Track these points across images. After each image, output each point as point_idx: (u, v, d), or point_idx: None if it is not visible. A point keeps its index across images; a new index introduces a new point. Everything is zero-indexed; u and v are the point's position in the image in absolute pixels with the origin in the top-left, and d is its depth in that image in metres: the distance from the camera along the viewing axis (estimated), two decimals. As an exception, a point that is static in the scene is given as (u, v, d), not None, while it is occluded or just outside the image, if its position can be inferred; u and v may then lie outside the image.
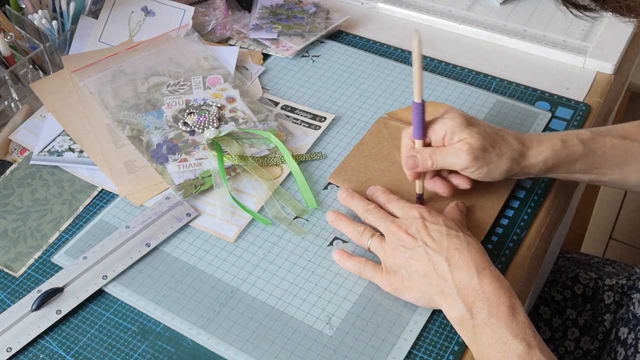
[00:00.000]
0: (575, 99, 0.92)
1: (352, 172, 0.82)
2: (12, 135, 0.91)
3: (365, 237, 0.73)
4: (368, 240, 0.72)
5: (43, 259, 0.78)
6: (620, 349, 0.87)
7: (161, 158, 0.85)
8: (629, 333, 0.87)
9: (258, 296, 0.72)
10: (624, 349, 0.86)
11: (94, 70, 0.96)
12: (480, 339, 0.62)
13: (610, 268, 1.02)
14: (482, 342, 0.62)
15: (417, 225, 0.69)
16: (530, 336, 0.61)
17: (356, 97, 0.94)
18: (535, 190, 0.81)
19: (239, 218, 0.79)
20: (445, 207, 0.76)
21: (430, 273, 0.66)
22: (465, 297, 0.64)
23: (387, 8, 1.09)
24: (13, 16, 1.00)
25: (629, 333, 0.87)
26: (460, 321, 0.64)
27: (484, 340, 0.62)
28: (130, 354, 0.69)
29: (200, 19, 1.04)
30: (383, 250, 0.70)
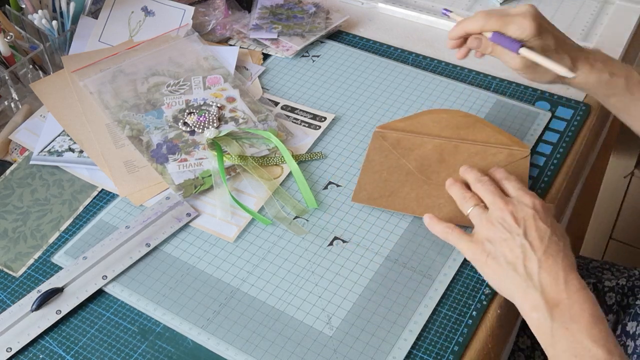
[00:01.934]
0: (575, 99, 0.92)
1: (373, 189, 0.81)
2: (12, 135, 0.91)
3: (470, 202, 0.72)
4: (470, 207, 0.72)
5: (43, 259, 0.78)
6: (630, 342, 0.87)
7: (161, 158, 0.85)
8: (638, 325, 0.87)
9: (258, 296, 0.72)
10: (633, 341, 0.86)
11: (94, 70, 0.96)
12: (557, 342, 0.62)
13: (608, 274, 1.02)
14: (560, 345, 0.62)
15: (526, 214, 0.68)
16: (612, 344, 0.61)
17: (356, 97, 0.94)
18: (536, 190, 0.81)
19: (239, 218, 0.79)
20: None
21: (517, 265, 0.66)
22: (549, 299, 0.63)
23: (387, 8, 1.09)
24: (13, 16, 1.00)
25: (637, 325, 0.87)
26: (539, 322, 0.64)
27: (562, 343, 0.62)
28: (130, 354, 0.69)
29: (200, 19, 1.04)
30: (480, 220, 0.70)
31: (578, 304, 0.63)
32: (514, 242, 0.67)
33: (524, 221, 0.68)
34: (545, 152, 0.85)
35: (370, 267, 0.74)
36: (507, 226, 0.68)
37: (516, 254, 0.66)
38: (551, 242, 0.67)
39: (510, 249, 0.67)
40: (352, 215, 0.79)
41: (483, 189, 0.73)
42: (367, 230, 0.77)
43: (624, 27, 1.01)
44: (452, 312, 0.70)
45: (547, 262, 0.65)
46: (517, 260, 0.66)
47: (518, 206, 0.69)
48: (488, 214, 0.70)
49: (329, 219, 0.79)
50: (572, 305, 0.63)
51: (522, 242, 0.67)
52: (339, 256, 0.75)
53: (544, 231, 0.67)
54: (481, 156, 0.82)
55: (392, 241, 0.76)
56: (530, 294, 0.64)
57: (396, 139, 0.85)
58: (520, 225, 0.68)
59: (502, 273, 0.67)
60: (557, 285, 0.64)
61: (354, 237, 0.77)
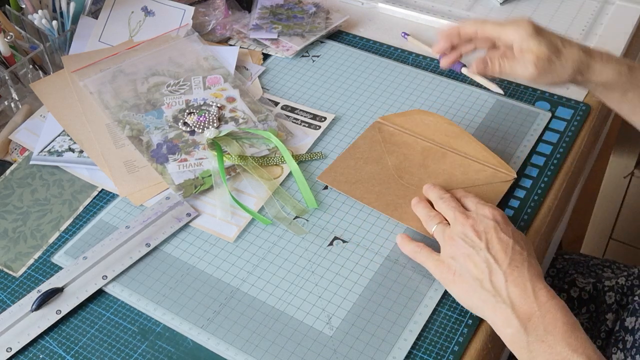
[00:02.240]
0: (575, 99, 0.92)
1: (341, 173, 0.82)
2: (12, 135, 0.91)
3: (433, 221, 0.72)
4: (433, 226, 0.72)
5: (43, 259, 0.78)
6: (628, 337, 0.87)
7: (161, 158, 0.85)
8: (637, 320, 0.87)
9: (258, 296, 0.72)
10: (631, 336, 0.86)
11: (94, 70, 0.96)
12: (536, 356, 0.61)
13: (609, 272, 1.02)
14: (539, 358, 0.61)
15: (487, 225, 0.68)
16: (591, 350, 0.61)
17: (356, 97, 0.94)
18: (535, 190, 0.81)
19: (239, 218, 0.79)
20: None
21: (484, 280, 0.65)
22: (520, 313, 0.63)
23: (387, 8, 1.09)
24: (13, 16, 1.00)
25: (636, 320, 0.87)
26: (513, 337, 0.63)
27: (541, 356, 0.61)
28: (130, 354, 0.69)
29: (200, 19, 1.04)
30: (443, 237, 0.70)
31: (550, 313, 0.62)
32: (478, 257, 0.66)
33: (485, 234, 0.68)
34: (545, 152, 0.85)
35: (370, 267, 0.74)
36: (469, 241, 0.67)
37: (481, 269, 0.66)
38: (515, 253, 0.66)
39: (474, 264, 0.66)
40: (352, 215, 0.79)
41: (444, 206, 0.73)
42: (367, 230, 0.77)
43: (624, 27, 1.01)
44: (452, 312, 0.70)
45: (512, 275, 0.65)
46: (483, 276, 0.65)
47: (478, 219, 0.69)
48: (451, 229, 0.70)
49: (329, 219, 0.79)
50: (544, 316, 0.62)
51: (486, 257, 0.66)
52: (339, 256, 0.75)
53: (506, 242, 0.67)
54: (464, 169, 0.81)
55: (392, 241, 0.76)
56: (500, 310, 0.64)
57: (390, 133, 0.86)
58: (482, 238, 0.67)
59: (470, 290, 0.66)
60: (527, 298, 0.63)
61: (354, 237, 0.77)
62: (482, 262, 0.66)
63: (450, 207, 0.72)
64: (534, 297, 0.63)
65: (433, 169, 0.81)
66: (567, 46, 0.77)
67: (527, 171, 0.83)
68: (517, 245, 0.67)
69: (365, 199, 0.79)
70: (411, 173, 0.81)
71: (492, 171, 0.81)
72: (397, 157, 0.83)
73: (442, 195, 0.74)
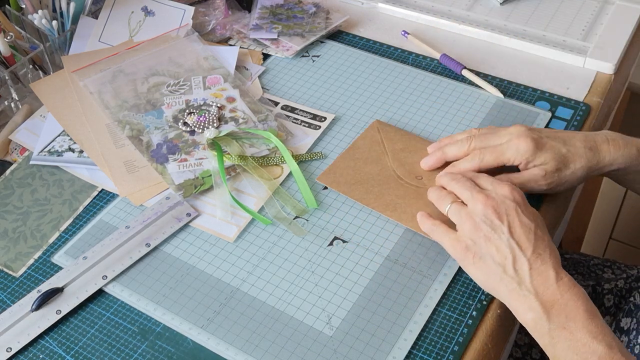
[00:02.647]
0: (575, 99, 0.92)
1: (341, 174, 0.82)
2: (12, 135, 0.91)
3: (446, 200, 0.71)
4: (447, 205, 0.71)
5: (43, 259, 0.78)
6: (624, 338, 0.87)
7: (161, 158, 0.85)
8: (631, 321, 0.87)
9: (258, 296, 0.72)
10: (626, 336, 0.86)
11: (94, 70, 0.96)
12: (557, 342, 0.62)
13: (609, 272, 1.02)
14: (560, 345, 0.62)
15: (508, 207, 0.67)
16: (610, 337, 0.61)
17: (356, 97, 0.94)
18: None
19: (239, 218, 0.79)
20: None
21: (506, 266, 0.65)
22: (543, 301, 0.63)
23: (387, 8, 1.09)
24: (13, 16, 1.00)
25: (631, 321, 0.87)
26: (535, 324, 0.64)
27: (562, 343, 0.62)
28: (130, 354, 0.69)
29: (200, 19, 1.04)
30: (460, 216, 0.68)
31: (572, 301, 0.63)
32: (501, 242, 0.66)
33: (507, 216, 0.66)
34: (545, 152, 0.85)
35: (370, 267, 0.74)
36: (490, 223, 0.66)
37: (504, 255, 0.65)
38: (537, 239, 0.66)
39: (497, 249, 0.66)
40: (352, 215, 0.79)
41: (458, 186, 0.71)
42: (367, 230, 0.77)
43: (624, 27, 1.01)
44: (452, 312, 0.70)
45: (536, 263, 0.65)
46: (506, 262, 0.65)
47: (498, 199, 0.68)
48: (468, 209, 0.68)
49: (329, 219, 0.79)
50: (566, 304, 0.63)
51: (509, 242, 0.65)
52: (339, 256, 0.75)
53: (528, 227, 0.66)
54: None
55: (392, 241, 0.76)
56: (523, 297, 0.64)
57: (390, 133, 0.86)
58: (503, 221, 0.66)
59: (491, 274, 0.66)
60: (550, 286, 0.64)
61: (354, 237, 0.77)
62: (506, 248, 0.65)
63: (466, 186, 0.70)
64: (557, 286, 0.63)
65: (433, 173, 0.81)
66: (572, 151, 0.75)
67: (527, 171, 0.83)
68: (539, 229, 0.67)
69: (365, 199, 0.79)
70: (411, 173, 0.81)
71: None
72: (396, 157, 0.83)
73: (454, 176, 0.73)
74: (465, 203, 0.70)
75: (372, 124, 0.88)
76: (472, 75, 0.94)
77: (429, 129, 0.89)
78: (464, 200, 0.70)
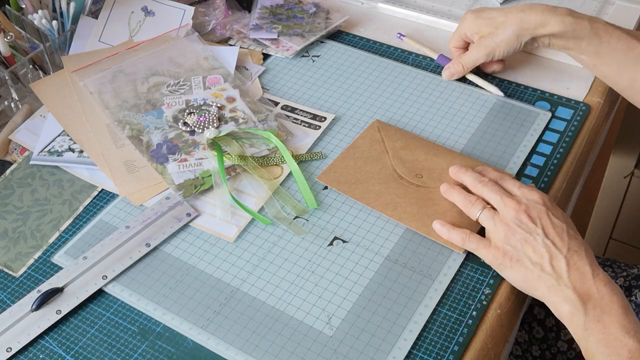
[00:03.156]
0: (575, 99, 0.92)
1: (341, 173, 0.82)
2: (12, 135, 0.91)
3: (477, 207, 0.72)
4: (479, 211, 0.72)
5: (43, 259, 0.78)
6: None
7: (161, 158, 0.85)
8: None
9: (258, 296, 0.72)
10: None
11: (94, 70, 0.96)
12: (590, 335, 0.64)
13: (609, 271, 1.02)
14: (593, 337, 0.63)
15: (539, 211, 0.69)
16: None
17: (356, 97, 0.94)
18: (535, 190, 0.81)
19: (239, 218, 0.79)
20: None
21: (544, 265, 0.67)
22: (580, 294, 0.65)
23: (387, 8, 1.09)
24: (13, 16, 1.00)
25: None
26: (572, 316, 0.65)
27: (595, 335, 0.63)
28: (130, 354, 0.69)
29: (200, 19, 1.04)
30: (494, 224, 0.70)
31: (608, 296, 0.65)
32: (536, 242, 0.68)
33: (540, 219, 0.69)
34: (545, 152, 0.85)
35: (370, 267, 0.74)
36: (525, 227, 0.69)
37: (541, 254, 0.67)
38: (570, 238, 0.68)
39: (533, 249, 0.68)
40: (352, 215, 0.79)
41: (487, 190, 0.73)
42: (367, 230, 0.77)
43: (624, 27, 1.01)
44: (452, 312, 0.70)
45: (573, 259, 0.67)
46: (543, 260, 0.67)
47: (529, 204, 0.70)
48: (501, 215, 0.70)
49: (329, 219, 0.79)
50: (602, 298, 0.65)
51: (544, 242, 0.68)
52: (339, 256, 0.75)
53: (560, 227, 0.69)
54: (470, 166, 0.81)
55: (392, 241, 0.76)
56: (561, 291, 0.66)
57: (390, 133, 0.86)
58: (537, 224, 0.68)
59: (529, 274, 0.68)
60: (587, 281, 0.66)
61: (354, 237, 0.77)
62: (542, 247, 0.67)
63: (495, 191, 0.72)
64: (593, 281, 0.66)
65: (435, 168, 0.81)
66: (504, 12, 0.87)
67: (527, 171, 0.83)
68: (571, 229, 0.69)
69: (365, 199, 0.79)
70: (412, 172, 0.81)
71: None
72: (397, 156, 0.83)
73: (480, 178, 0.74)
74: (494, 207, 0.72)
75: (372, 123, 0.88)
76: (471, 75, 0.94)
77: (429, 129, 0.89)
78: (493, 205, 0.72)
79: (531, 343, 0.98)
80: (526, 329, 0.98)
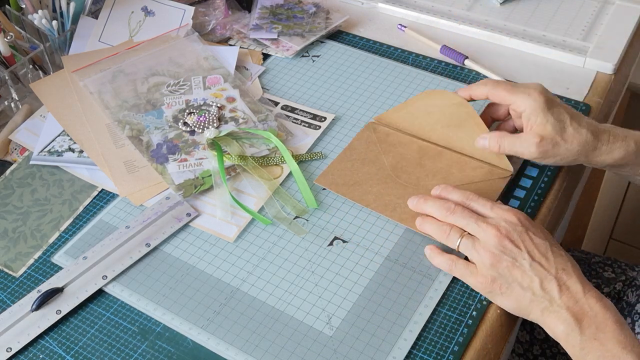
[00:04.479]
0: (575, 99, 0.92)
1: (339, 175, 0.82)
2: (12, 135, 0.91)
3: (454, 236, 0.70)
4: (457, 240, 0.70)
5: (43, 259, 0.78)
6: None
7: (161, 158, 0.85)
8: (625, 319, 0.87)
9: (258, 296, 0.72)
10: None
11: (94, 70, 0.96)
12: (588, 353, 0.63)
13: (609, 271, 1.02)
14: (590, 355, 0.63)
15: (520, 233, 0.68)
16: (638, 348, 0.62)
17: (356, 97, 0.94)
18: (536, 190, 0.81)
19: (239, 218, 0.79)
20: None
21: (535, 288, 0.66)
22: (574, 314, 0.64)
23: (387, 8, 1.09)
24: (13, 16, 1.00)
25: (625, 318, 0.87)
26: (567, 336, 0.64)
27: (592, 354, 0.63)
28: (130, 354, 0.69)
29: (200, 19, 1.04)
30: (477, 253, 0.68)
31: (601, 313, 0.64)
32: (524, 267, 0.66)
33: (523, 242, 0.67)
34: (545, 152, 0.85)
35: (370, 267, 0.74)
36: (509, 252, 0.67)
37: (530, 278, 0.66)
38: (556, 256, 0.67)
39: (522, 274, 0.66)
40: (352, 215, 0.79)
41: (460, 218, 0.70)
42: (367, 230, 0.77)
43: (624, 27, 1.01)
44: (452, 312, 0.70)
45: (562, 279, 0.66)
46: (534, 284, 0.66)
47: (509, 227, 0.68)
48: (482, 243, 0.68)
49: (329, 219, 0.79)
50: (595, 316, 0.64)
51: (532, 265, 0.66)
52: (339, 256, 0.75)
53: (544, 247, 0.67)
54: (460, 166, 0.81)
55: (392, 241, 0.76)
56: (555, 314, 0.65)
57: (385, 134, 0.86)
58: (521, 248, 0.67)
59: (521, 300, 0.67)
60: (579, 300, 0.65)
61: (354, 237, 0.77)
62: (530, 271, 0.66)
63: (468, 216, 0.70)
64: (585, 299, 0.65)
65: (430, 168, 0.81)
66: (574, 126, 0.75)
67: (527, 171, 0.83)
68: (554, 245, 0.68)
69: (364, 200, 0.79)
70: (408, 172, 0.81)
71: (489, 168, 0.81)
72: (393, 157, 0.83)
73: (447, 206, 0.71)
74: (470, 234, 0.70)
75: (367, 124, 0.88)
76: (475, 65, 0.93)
77: (429, 129, 0.89)
78: (470, 232, 0.70)
79: (532, 343, 0.98)
80: (527, 329, 0.98)
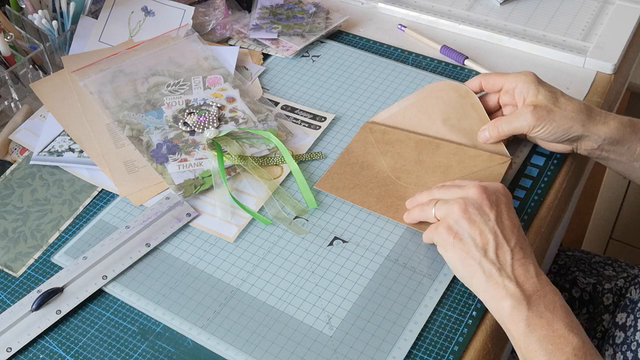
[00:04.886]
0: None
1: (339, 179, 0.82)
2: (12, 135, 0.91)
3: (429, 206, 0.71)
4: (432, 209, 0.70)
5: (43, 259, 0.78)
6: (619, 333, 0.87)
7: (161, 158, 0.85)
8: (628, 317, 0.87)
9: (258, 296, 0.72)
10: (622, 332, 0.86)
11: (94, 70, 0.96)
12: (533, 331, 0.62)
13: (610, 270, 1.02)
14: (535, 333, 0.62)
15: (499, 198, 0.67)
16: (584, 334, 0.62)
17: (356, 97, 0.94)
18: (535, 190, 0.81)
19: (239, 218, 0.79)
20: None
21: (488, 251, 0.65)
22: (523, 289, 0.63)
23: (387, 8, 1.09)
24: (13, 16, 1.00)
25: (627, 317, 0.87)
26: (512, 310, 0.63)
27: (538, 332, 0.62)
28: (130, 354, 0.69)
29: (200, 19, 1.04)
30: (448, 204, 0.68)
31: (551, 294, 0.64)
32: (485, 226, 0.66)
33: (497, 206, 0.67)
34: (545, 152, 0.85)
35: (370, 267, 0.74)
36: (479, 207, 0.66)
37: (487, 239, 0.65)
38: (520, 235, 0.67)
39: (480, 233, 0.65)
40: (352, 215, 0.79)
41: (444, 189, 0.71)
42: (367, 230, 0.77)
43: (624, 27, 1.01)
44: (452, 312, 0.70)
45: (518, 254, 0.65)
46: (488, 246, 0.65)
47: (491, 189, 0.68)
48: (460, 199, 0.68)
49: (329, 219, 0.79)
50: (545, 295, 0.63)
51: (494, 228, 0.65)
52: (339, 256, 0.75)
53: (514, 222, 0.67)
54: (459, 157, 0.81)
55: (392, 241, 0.76)
56: (502, 284, 0.64)
57: (382, 132, 0.86)
58: (492, 209, 0.66)
59: (469, 257, 0.66)
60: (530, 277, 0.64)
61: (354, 237, 0.77)
62: (489, 233, 0.65)
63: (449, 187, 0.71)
64: (537, 279, 0.64)
65: (429, 164, 0.81)
66: (566, 97, 0.77)
67: (527, 171, 0.83)
68: (522, 231, 0.68)
69: (366, 203, 0.79)
70: (408, 172, 0.81)
71: (488, 155, 0.81)
72: (391, 157, 0.83)
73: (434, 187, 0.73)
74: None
75: (362, 126, 0.88)
76: (476, 65, 0.93)
77: (429, 129, 0.89)
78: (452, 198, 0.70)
79: None
80: None
